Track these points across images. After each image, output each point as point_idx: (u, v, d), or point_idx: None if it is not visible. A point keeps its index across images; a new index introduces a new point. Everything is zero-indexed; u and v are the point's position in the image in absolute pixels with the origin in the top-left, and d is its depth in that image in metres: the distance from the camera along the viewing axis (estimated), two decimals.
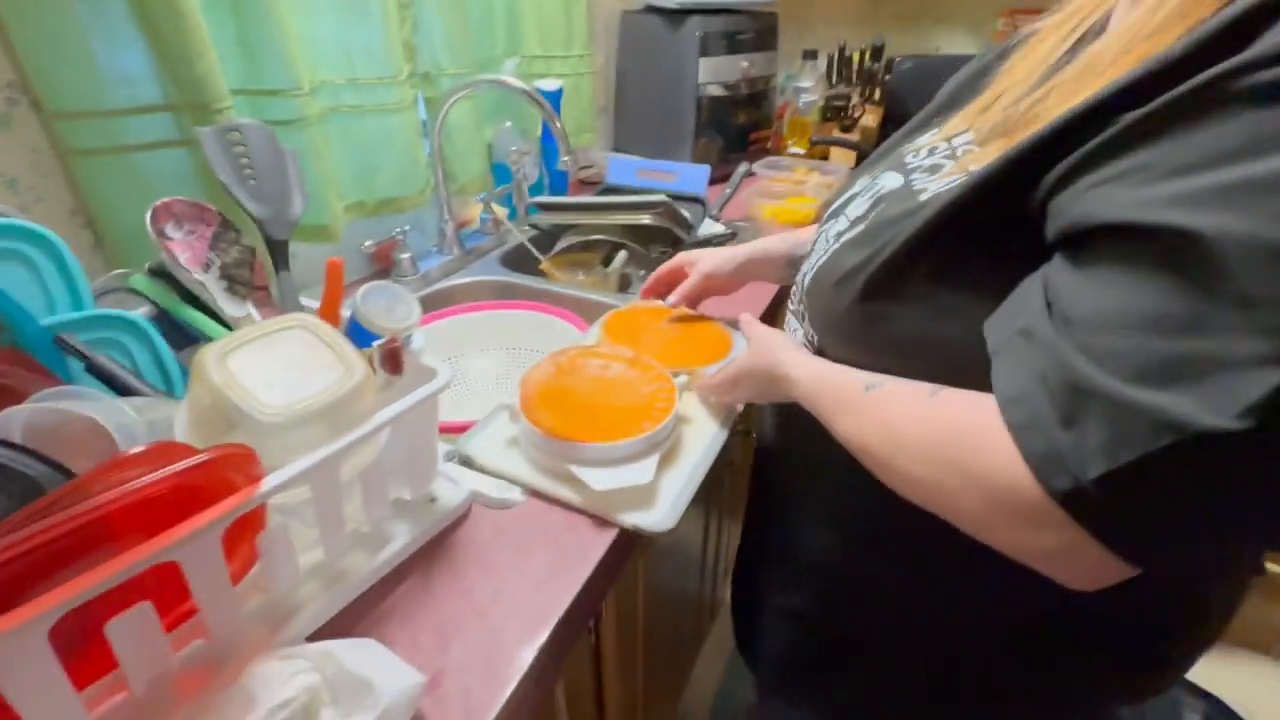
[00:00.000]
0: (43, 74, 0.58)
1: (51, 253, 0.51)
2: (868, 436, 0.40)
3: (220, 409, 0.38)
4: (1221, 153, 0.26)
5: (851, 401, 0.42)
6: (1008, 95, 0.43)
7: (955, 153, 0.44)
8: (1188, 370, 0.26)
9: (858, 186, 0.52)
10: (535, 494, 0.57)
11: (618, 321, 0.79)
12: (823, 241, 0.50)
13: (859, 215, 0.47)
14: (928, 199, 0.40)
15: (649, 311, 0.81)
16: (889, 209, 0.44)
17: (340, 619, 0.45)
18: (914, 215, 0.39)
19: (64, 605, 0.29)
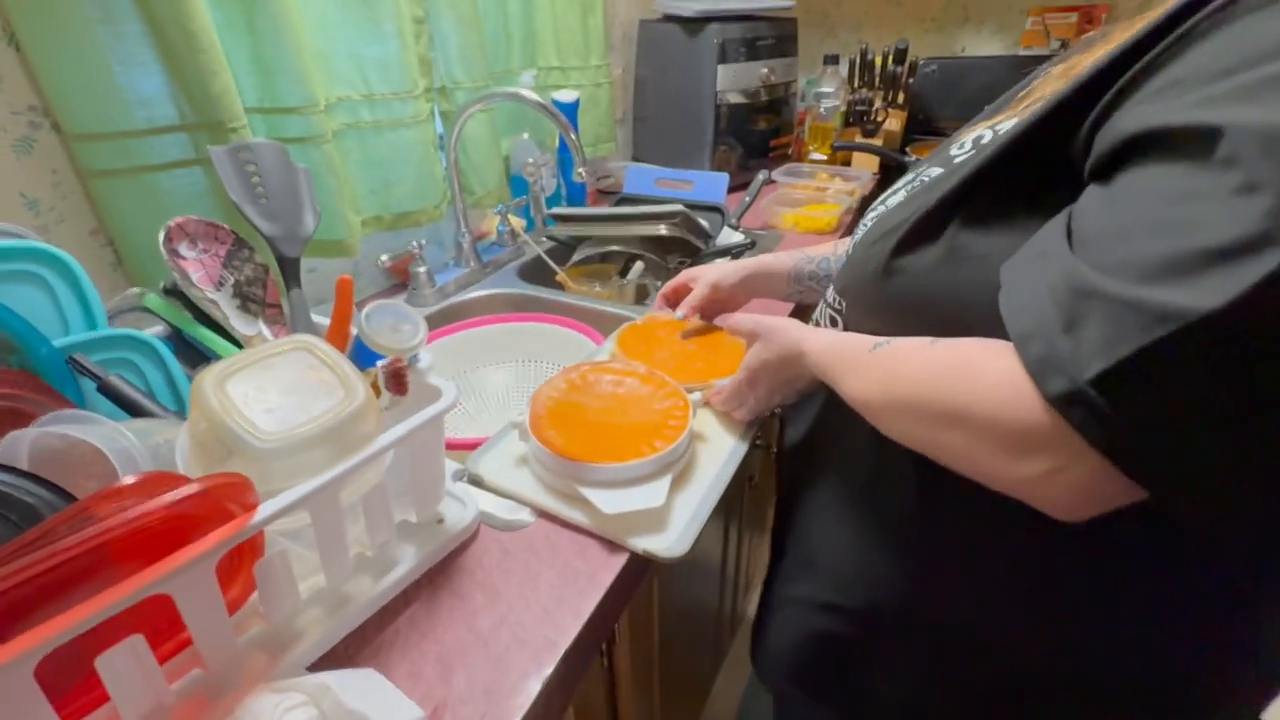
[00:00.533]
0: (62, 97, 0.59)
1: (66, 274, 0.51)
2: (871, 391, 0.41)
3: (217, 434, 0.38)
4: (1245, 58, 0.26)
5: (859, 361, 0.43)
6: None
7: (998, 134, 0.43)
8: (1191, 265, 0.25)
9: (900, 184, 0.52)
10: (545, 515, 0.55)
11: (632, 336, 0.77)
12: (862, 228, 0.51)
13: (901, 202, 0.47)
14: (963, 157, 0.41)
15: (664, 324, 0.78)
16: (921, 194, 0.43)
17: (342, 646, 0.44)
18: (953, 174, 0.40)
19: (48, 643, 0.28)
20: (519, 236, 1.14)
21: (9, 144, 0.59)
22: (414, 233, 1.00)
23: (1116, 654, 0.41)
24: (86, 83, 0.59)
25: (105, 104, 0.60)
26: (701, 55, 1.36)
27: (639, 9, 1.53)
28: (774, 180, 1.37)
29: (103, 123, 0.61)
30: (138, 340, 0.54)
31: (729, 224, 1.19)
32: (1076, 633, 0.41)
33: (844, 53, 1.63)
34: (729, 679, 1.30)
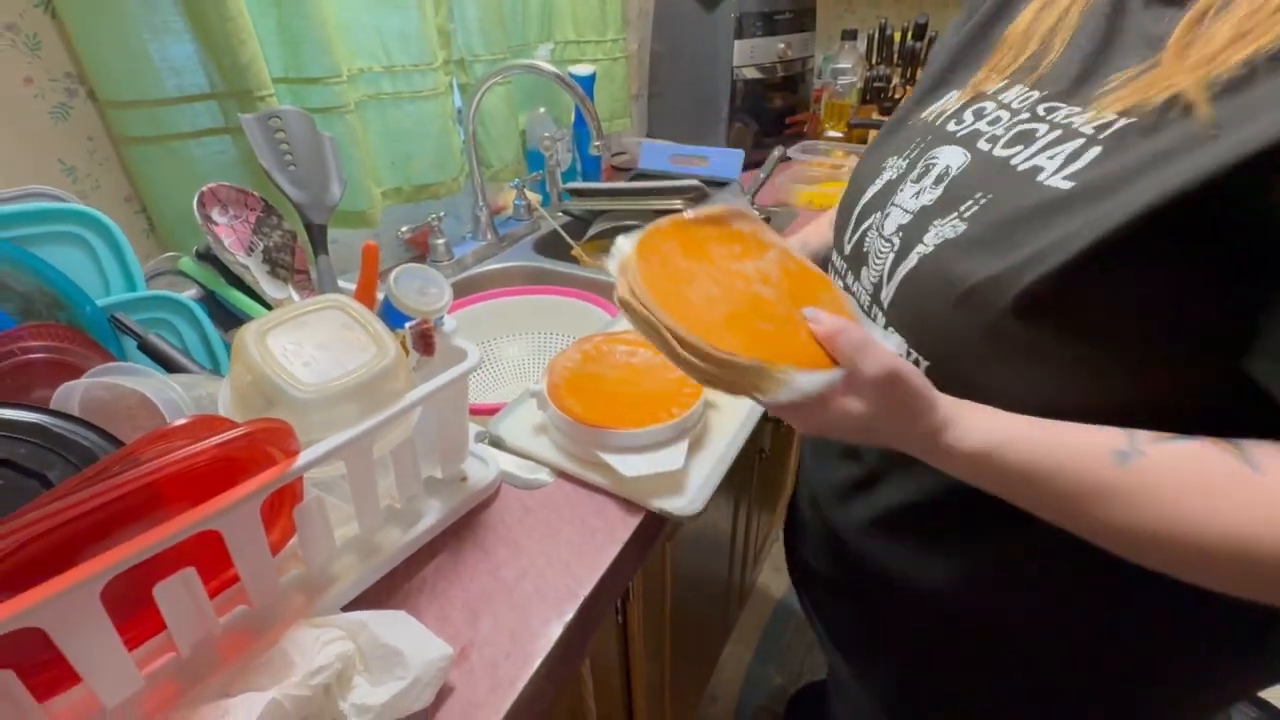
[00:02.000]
0: (97, 64, 0.60)
1: (107, 237, 0.53)
2: (1154, 528, 0.32)
3: (259, 386, 0.40)
4: None
5: (1101, 484, 0.33)
6: (1058, 48, 0.41)
7: (1044, 118, 0.40)
8: None
9: (890, 171, 0.48)
10: (565, 477, 0.57)
11: (658, 253, 0.42)
12: (880, 241, 0.45)
13: (928, 206, 0.42)
14: (1077, 187, 0.34)
15: (708, 234, 0.45)
16: (1001, 199, 0.38)
17: (373, 591, 0.47)
18: (1066, 207, 0.34)
19: (115, 567, 0.30)
20: (535, 210, 1.15)
21: (46, 110, 0.61)
22: (432, 205, 1.01)
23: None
24: (120, 50, 0.60)
25: (138, 72, 0.62)
26: (718, 30, 1.35)
27: None
28: (789, 157, 1.37)
29: (136, 90, 0.62)
30: (175, 301, 0.56)
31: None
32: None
33: (862, 28, 1.61)
34: (736, 650, 1.33)
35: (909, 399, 0.36)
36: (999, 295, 0.35)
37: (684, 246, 0.42)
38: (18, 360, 0.44)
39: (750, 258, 0.43)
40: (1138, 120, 0.34)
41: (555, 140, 1.16)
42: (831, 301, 0.42)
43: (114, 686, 0.33)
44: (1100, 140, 0.35)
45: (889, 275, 0.43)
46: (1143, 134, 0.33)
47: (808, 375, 0.36)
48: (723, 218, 0.45)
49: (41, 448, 0.36)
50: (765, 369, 0.36)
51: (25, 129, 0.60)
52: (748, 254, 0.43)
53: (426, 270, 0.52)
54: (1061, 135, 0.38)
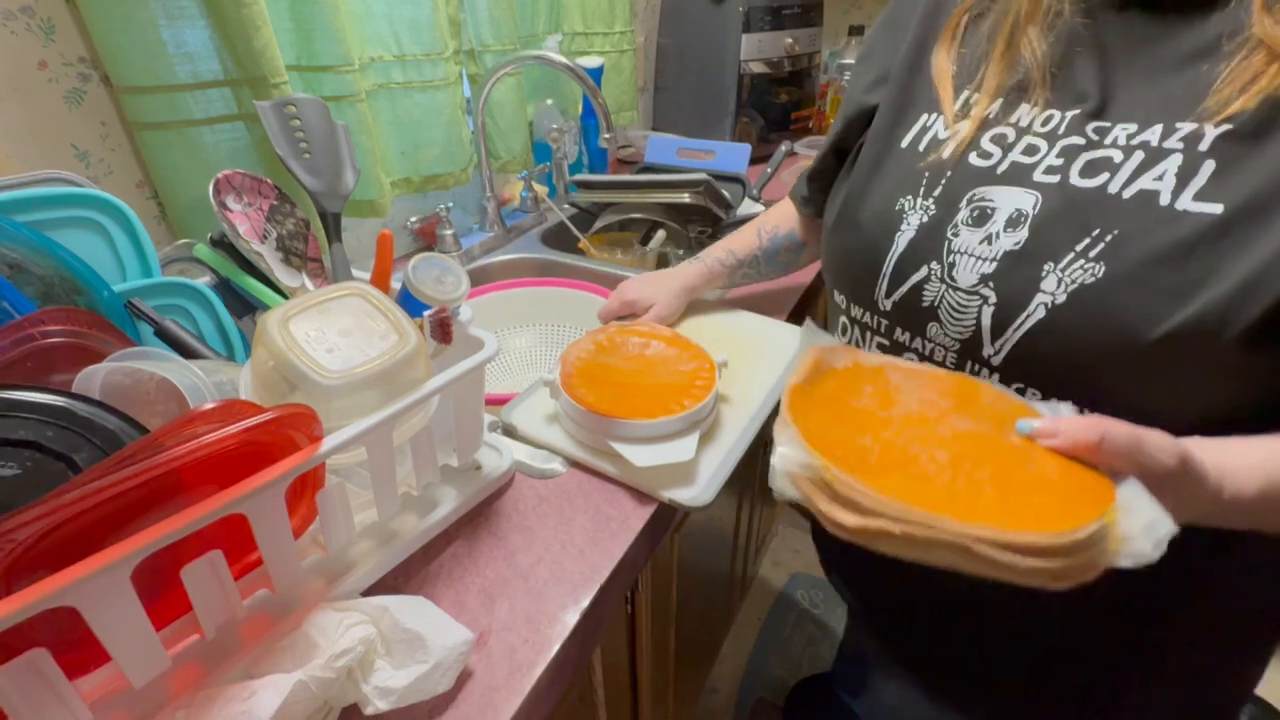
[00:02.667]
0: (112, 50, 0.60)
1: (123, 222, 0.53)
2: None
3: (282, 371, 0.40)
4: None
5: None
6: (1046, 65, 0.42)
7: (1103, 143, 0.39)
8: None
9: (916, 214, 0.46)
10: (577, 466, 0.58)
11: (829, 445, 0.37)
12: (956, 294, 0.43)
13: (1017, 252, 0.40)
14: (1231, 210, 0.34)
15: (831, 391, 0.41)
16: (1135, 232, 0.37)
17: (390, 577, 0.47)
18: (1230, 232, 0.33)
19: (147, 548, 0.30)
20: (542, 202, 1.15)
21: (60, 95, 0.60)
22: (439, 196, 1.01)
23: None
24: (135, 36, 0.60)
25: (153, 58, 0.62)
26: (726, 24, 1.35)
27: None
28: (795, 152, 1.37)
29: (150, 76, 0.62)
30: (190, 288, 0.56)
31: (750, 195, 1.20)
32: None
33: (869, 24, 1.60)
34: (736, 642, 1.34)
35: (1198, 471, 0.34)
36: (1217, 333, 0.34)
37: (837, 416, 0.37)
38: (38, 344, 0.44)
39: (892, 393, 0.39)
40: (1234, 128, 0.34)
41: (563, 132, 1.16)
42: (993, 397, 0.38)
43: (142, 666, 0.33)
44: (1206, 153, 0.35)
45: (995, 329, 0.41)
46: (1259, 137, 0.33)
47: (1150, 509, 0.31)
48: (823, 363, 0.41)
49: (68, 430, 0.36)
50: (1108, 528, 0.30)
51: (39, 113, 0.59)
52: (881, 389, 0.40)
53: (444, 259, 0.52)
54: (1147, 157, 0.37)
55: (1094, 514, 0.30)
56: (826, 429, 0.36)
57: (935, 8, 0.51)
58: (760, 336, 0.74)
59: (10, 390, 0.36)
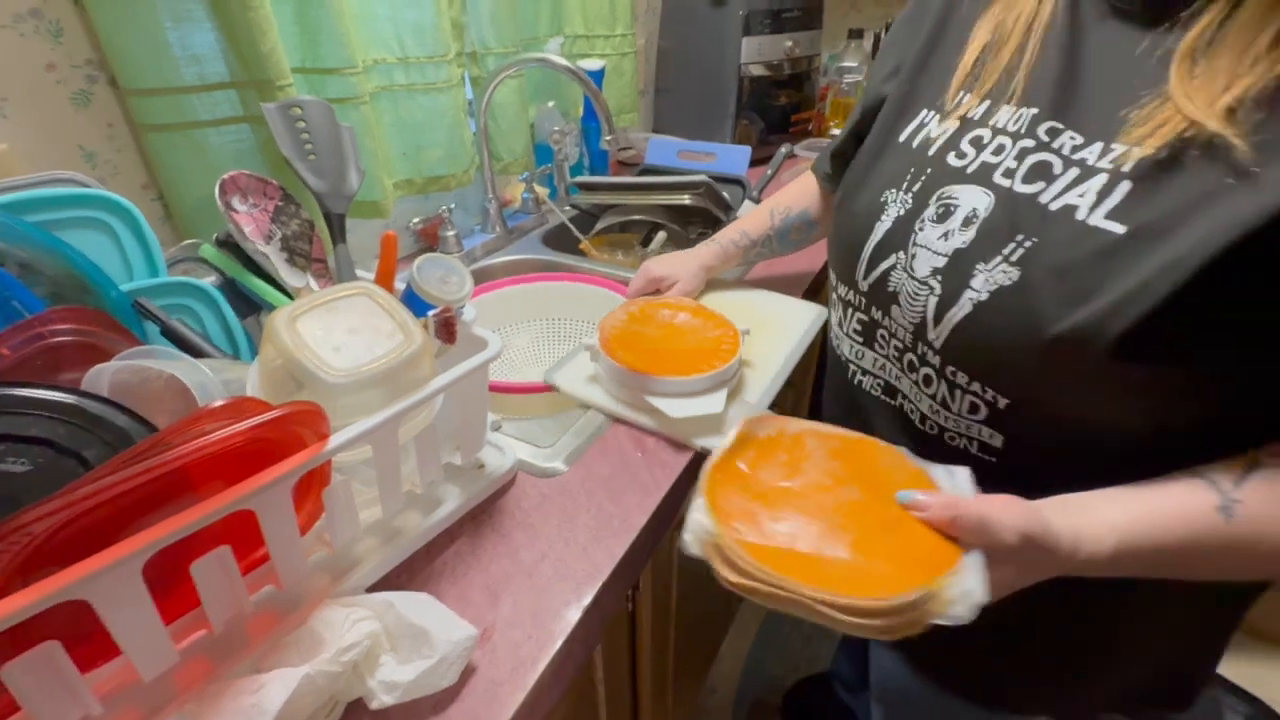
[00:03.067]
0: (119, 53, 0.61)
1: (130, 223, 0.54)
2: (1271, 562, 0.37)
3: (290, 369, 0.40)
4: None
5: (1223, 544, 0.37)
6: (1026, 63, 0.43)
7: (1050, 146, 0.41)
8: None
9: (895, 206, 0.49)
10: (616, 420, 0.64)
11: (730, 512, 0.43)
12: (912, 282, 0.46)
13: (963, 249, 0.43)
14: (1131, 231, 0.36)
15: (750, 459, 0.47)
16: (1050, 243, 0.39)
17: (394, 574, 0.48)
18: (1125, 251, 0.36)
19: (159, 543, 0.31)
20: (543, 204, 1.16)
21: (67, 96, 0.61)
22: (441, 197, 1.02)
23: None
24: (142, 38, 0.61)
25: (159, 60, 0.62)
26: (726, 27, 1.36)
27: None
28: (795, 154, 1.38)
29: (157, 78, 0.63)
30: (196, 288, 0.56)
31: (750, 197, 1.20)
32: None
33: (869, 27, 1.61)
34: (734, 642, 1.35)
35: (1045, 543, 0.37)
36: (1093, 341, 0.36)
37: (743, 488, 0.44)
38: (47, 343, 0.44)
39: (801, 461, 0.46)
40: (1154, 154, 0.36)
41: (564, 134, 1.17)
42: (900, 470, 0.44)
43: (151, 660, 0.34)
44: (1126, 175, 0.37)
45: (935, 318, 0.45)
46: (1170, 169, 0.36)
47: (973, 580, 0.36)
48: (749, 435, 0.48)
49: (79, 428, 0.37)
50: (933, 593, 0.36)
51: (47, 115, 0.60)
52: (794, 458, 0.46)
53: (448, 259, 0.53)
54: (1080, 173, 0.39)
55: (922, 582, 0.36)
56: (732, 499, 0.43)
57: (947, 9, 0.52)
58: (777, 311, 0.81)
59: (22, 388, 0.36)
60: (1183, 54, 0.36)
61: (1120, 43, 0.40)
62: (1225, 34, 0.35)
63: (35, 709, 0.30)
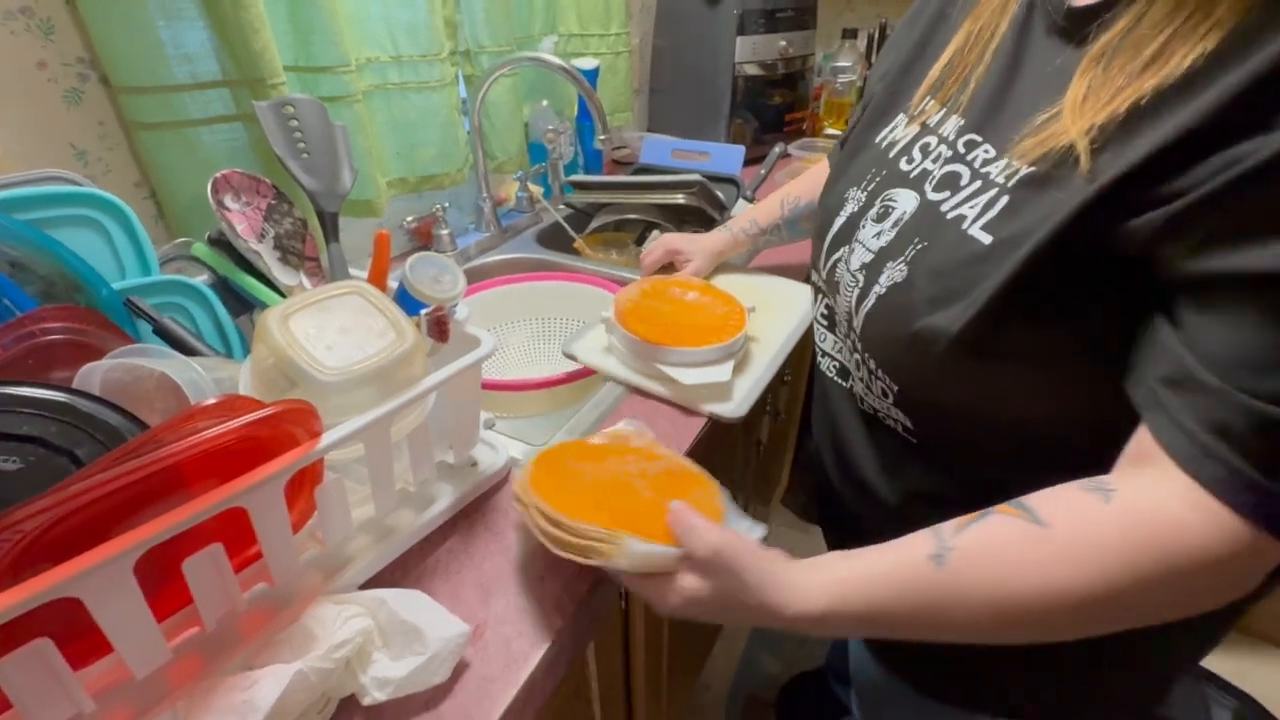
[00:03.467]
0: (111, 51, 0.61)
1: (123, 221, 0.54)
2: (988, 610, 0.34)
3: (282, 368, 0.40)
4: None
5: (932, 592, 0.35)
6: (977, 82, 0.44)
7: (965, 158, 0.43)
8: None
9: (851, 203, 0.52)
10: (631, 389, 0.68)
11: (553, 462, 0.50)
12: (848, 275, 0.49)
13: (884, 248, 0.46)
14: (994, 241, 0.38)
15: (607, 450, 0.54)
16: (935, 247, 0.42)
17: (387, 572, 0.48)
18: (986, 260, 0.38)
19: (151, 540, 0.31)
20: (537, 203, 1.16)
21: (59, 94, 0.61)
22: (435, 196, 1.02)
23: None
24: (134, 36, 0.61)
25: (151, 58, 0.62)
26: (720, 26, 1.36)
27: None
28: (789, 154, 1.38)
29: (149, 76, 0.62)
30: (188, 286, 0.56)
31: (744, 196, 1.21)
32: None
33: (863, 27, 1.62)
34: (729, 640, 1.35)
35: (739, 572, 0.38)
36: (938, 338, 0.40)
37: (579, 455, 0.50)
38: (39, 341, 0.44)
39: (639, 463, 0.50)
40: (1037, 169, 0.37)
41: (558, 133, 1.17)
42: (704, 498, 0.48)
43: (143, 658, 0.34)
44: (1009, 189, 0.39)
45: (856, 309, 0.48)
46: (1041, 185, 0.37)
47: (640, 544, 0.40)
48: (623, 435, 0.54)
49: (70, 426, 0.37)
50: (609, 535, 0.41)
51: (38, 112, 0.60)
52: (640, 460, 0.51)
53: (440, 258, 0.53)
54: (981, 186, 0.41)
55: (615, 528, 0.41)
56: (566, 456, 0.50)
57: (938, 17, 0.53)
58: (781, 292, 0.86)
59: (12, 386, 0.36)
60: (1083, 69, 0.36)
61: (1050, 57, 0.40)
62: (1123, 45, 0.35)
63: (27, 706, 0.30)
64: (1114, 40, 0.35)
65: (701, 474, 0.51)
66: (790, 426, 1.28)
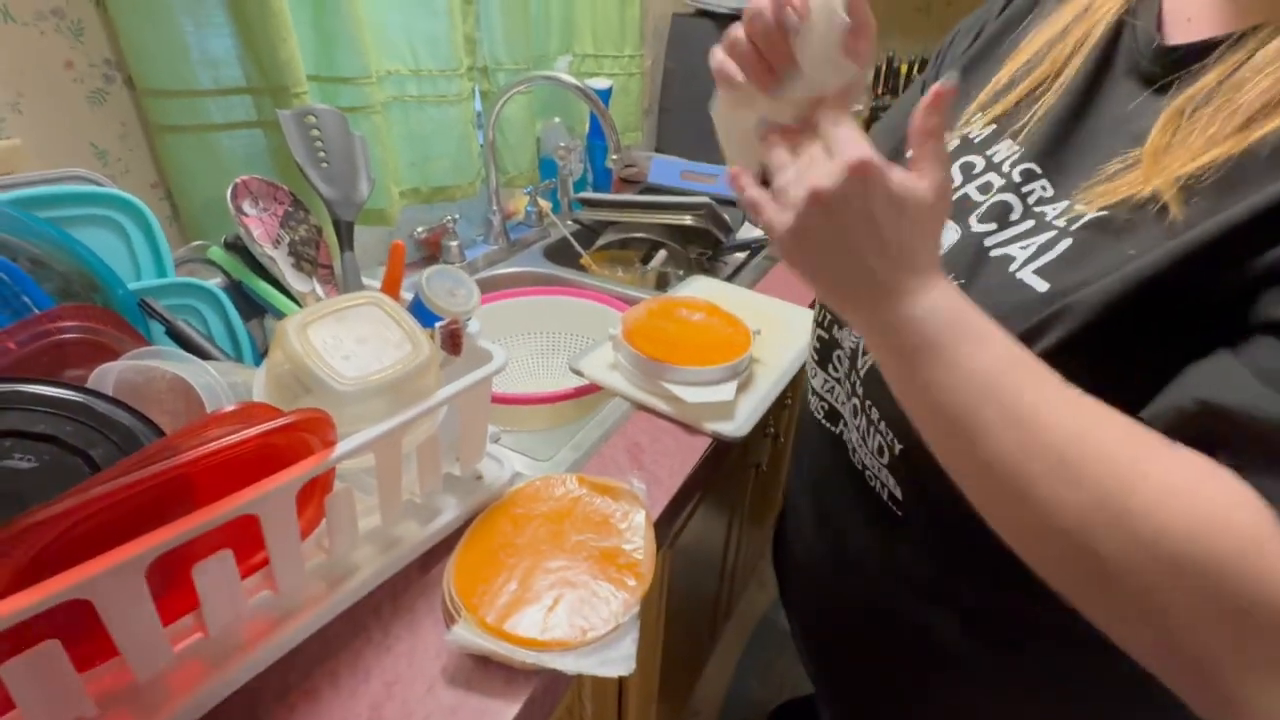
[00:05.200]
0: (138, 54, 0.62)
1: (141, 222, 0.54)
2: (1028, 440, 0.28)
3: (298, 375, 0.41)
4: None
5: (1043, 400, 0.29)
6: (1046, 103, 0.41)
7: (1020, 189, 0.40)
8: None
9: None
10: (635, 406, 0.69)
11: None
12: None
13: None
14: (1051, 290, 0.34)
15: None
16: (976, 288, 0.38)
17: (390, 584, 0.48)
18: (1038, 309, 0.33)
19: (165, 545, 0.31)
20: (546, 217, 1.17)
21: (84, 94, 0.62)
22: (446, 207, 1.03)
23: None
24: (162, 41, 0.62)
25: (177, 63, 0.63)
26: None
27: (672, 3, 1.55)
28: None
29: (174, 80, 0.63)
30: (202, 289, 0.57)
31: (750, 220, 1.22)
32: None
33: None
34: (720, 665, 1.34)
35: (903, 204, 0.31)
36: None
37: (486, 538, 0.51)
38: (54, 339, 0.45)
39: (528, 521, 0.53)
40: (1109, 215, 0.34)
41: (569, 150, 1.19)
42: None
43: (148, 661, 0.34)
44: (1071, 233, 0.36)
45: (865, 347, 0.46)
46: (1112, 233, 0.34)
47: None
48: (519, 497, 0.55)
49: (86, 426, 0.37)
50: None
51: (62, 111, 0.61)
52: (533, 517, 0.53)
53: (456, 272, 0.53)
54: (1034, 226, 0.38)
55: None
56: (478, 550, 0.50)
57: (1005, 26, 0.49)
58: (787, 318, 0.87)
59: (30, 384, 0.37)
60: (1168, 118, 0.34)
61: (1127, 101, 0.38)
62: (1216, 97, 0.32)
63: (31, 707, 0.30)
64: (1200, 92, 0.33)
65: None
66: (789, 450, 1.28)
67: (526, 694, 0.41)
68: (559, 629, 0.43)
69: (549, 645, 0.42)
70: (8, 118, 0.57)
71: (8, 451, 0.35)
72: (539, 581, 0.47)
